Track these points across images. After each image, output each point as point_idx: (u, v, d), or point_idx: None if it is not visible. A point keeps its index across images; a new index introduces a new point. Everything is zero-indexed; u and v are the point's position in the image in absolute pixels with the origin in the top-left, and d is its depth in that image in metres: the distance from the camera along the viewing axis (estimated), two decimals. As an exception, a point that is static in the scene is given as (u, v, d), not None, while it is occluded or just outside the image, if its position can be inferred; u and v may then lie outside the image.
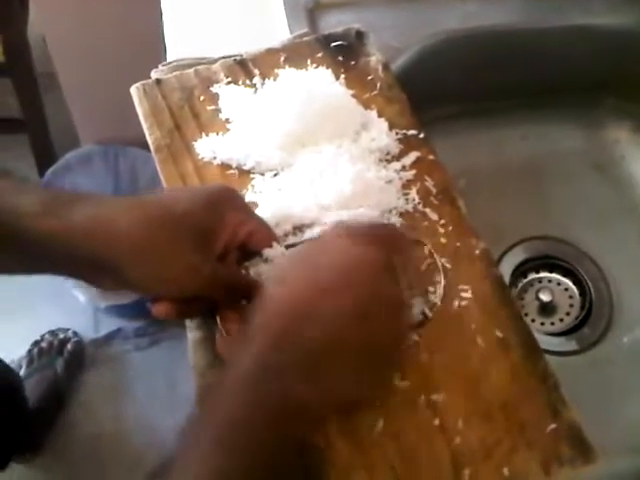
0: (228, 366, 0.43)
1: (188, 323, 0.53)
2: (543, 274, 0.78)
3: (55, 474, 1.38)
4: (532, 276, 0.78)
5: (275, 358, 0.40)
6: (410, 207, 0.55)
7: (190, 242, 0.45)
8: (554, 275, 0.78)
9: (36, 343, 1.48)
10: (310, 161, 0.54)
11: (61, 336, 1.48)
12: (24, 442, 1.34)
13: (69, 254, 0.44)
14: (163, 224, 0.45)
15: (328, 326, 0.41)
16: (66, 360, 1.45)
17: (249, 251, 0.50)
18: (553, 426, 0.48)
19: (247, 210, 0.49)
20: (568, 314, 0.76)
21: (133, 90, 0.59)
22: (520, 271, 0.78)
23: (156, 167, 0.57)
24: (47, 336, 1.48)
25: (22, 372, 1.42)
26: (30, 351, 1.46)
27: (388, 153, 0.57)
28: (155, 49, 0.89)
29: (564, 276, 0.78)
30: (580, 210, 0.79)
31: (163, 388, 1.43)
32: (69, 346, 1.46)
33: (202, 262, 0.46)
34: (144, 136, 1.43)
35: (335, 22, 0.68)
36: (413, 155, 0.57)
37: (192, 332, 0.52)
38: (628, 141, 0.82)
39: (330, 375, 0.41)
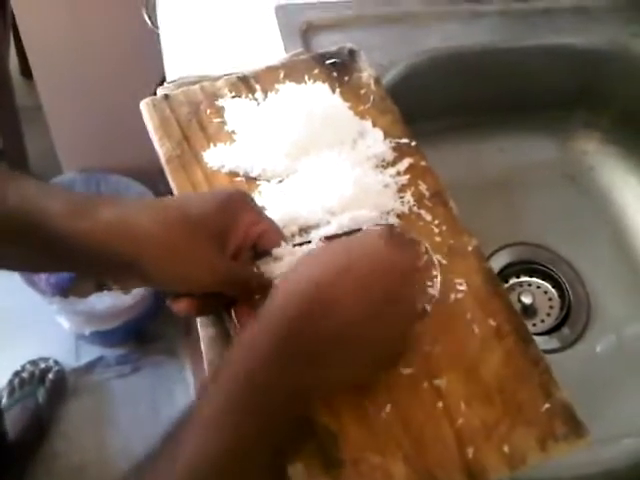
0: (242, 344, 0.44)
1: (201, 321, 0.56)
2: (524, 278, 0.83)
3: (38, 507, 1.37)
4: (513, 280, 0.82)
5: (289, 343, 0.42)
6: (406, 209, 0.58)
7: (207, 242, 0.48)
8: (534, 279, 0.82)
9: (17, 373, 1.47)
10: (313, 167, 0.58)
11: (42, 365, 1.47)
12: (5, 475, 1.33)
13: (95, 254, 0.46)
14: (182, 225, 0.47)
15: (344, 318, 0.43)
16: (48, 390, 1.44)
17: (260, 251, 0.53)
18: (547, 405, 0.51)
19: (258, 211, 0.52)
20: (549, 315, 0.80)
21: (143, 105, 0.62)
22: (502, 276, 0.82)
23: (137, 193, 0.59)
24: (28, 366, 1.48)
25: (3, 403, 1.40)
26: (11, 381, 1.45)
27: (384, 160, 0.61)
28: (140, 79, 0.92)
29: (543, 280, 0.82)
30: (556, 217, 0.84)
31: (146, 414, 1.43)
32: (50, 375, 1.46)
33: (218, 260, 0.49)
34: (125, 163, 1.46)
35: (327, 42, 0.73)
36: (407, 161, 0.61)
37: (206, 329, 0.55)
38: (596, 152, 0.88)
39: (339, 364, 0.44)
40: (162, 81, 0.70)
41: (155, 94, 0.65)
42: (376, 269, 0.45)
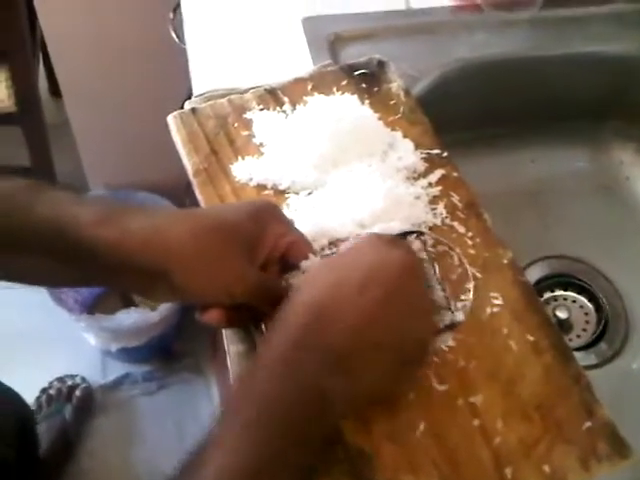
0: (258, 353, 0.45)
1: (229, 337, 0.55)
2: (558, 292, 0.81)
3: (66, 526, 1.36)
4: (548, 294, 0.81)
5: (301, 351, 0.42)
6: (438, 221, 0.57)
7: (238, 252, 0.47)
8: (569, 293, 0.80)
9: (44, 390, 1.47)
10: (343, 179, 0.57)
11: (69, 382, 1.47)
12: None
13: (124, 263, 0.45)
14: (213, 234, 0.47)
15: (351, 322, 0.43)
16: (75, 407, 1.44)
17: (288, 264, 0.52)
18: (589, 424, 0.49)
19: (288, 223, 0.52)
20: (585, 330, 0.78)
21: (170, 119, 0.62)
22: (536, 289, 0.80)
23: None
24: (55, 383, 1.48)
25: (30, 421, 1.41)
26: (38, 398, 1.45)
27: (415, 171, 0.60)
28: (167, 96, 0.93)
29: (579, 293, 0.80)
30: (590, 229, 0.82)
31: (172, 432, 1.43)
32: (78, 392, 1.45)
33: (249, 271, 0.48)
34: (152, 180, 1.47)
35: (355, 53, 0.72)
36: (438, 173, 0.60)
37: (234, 345, 0.54)
38: (632, 163, 0.86)
39: (353, 369, 0.43)
40: (189, 97, 0.70)
41: (182, 109, 0.64)
42: (370, 270, 0.45)
